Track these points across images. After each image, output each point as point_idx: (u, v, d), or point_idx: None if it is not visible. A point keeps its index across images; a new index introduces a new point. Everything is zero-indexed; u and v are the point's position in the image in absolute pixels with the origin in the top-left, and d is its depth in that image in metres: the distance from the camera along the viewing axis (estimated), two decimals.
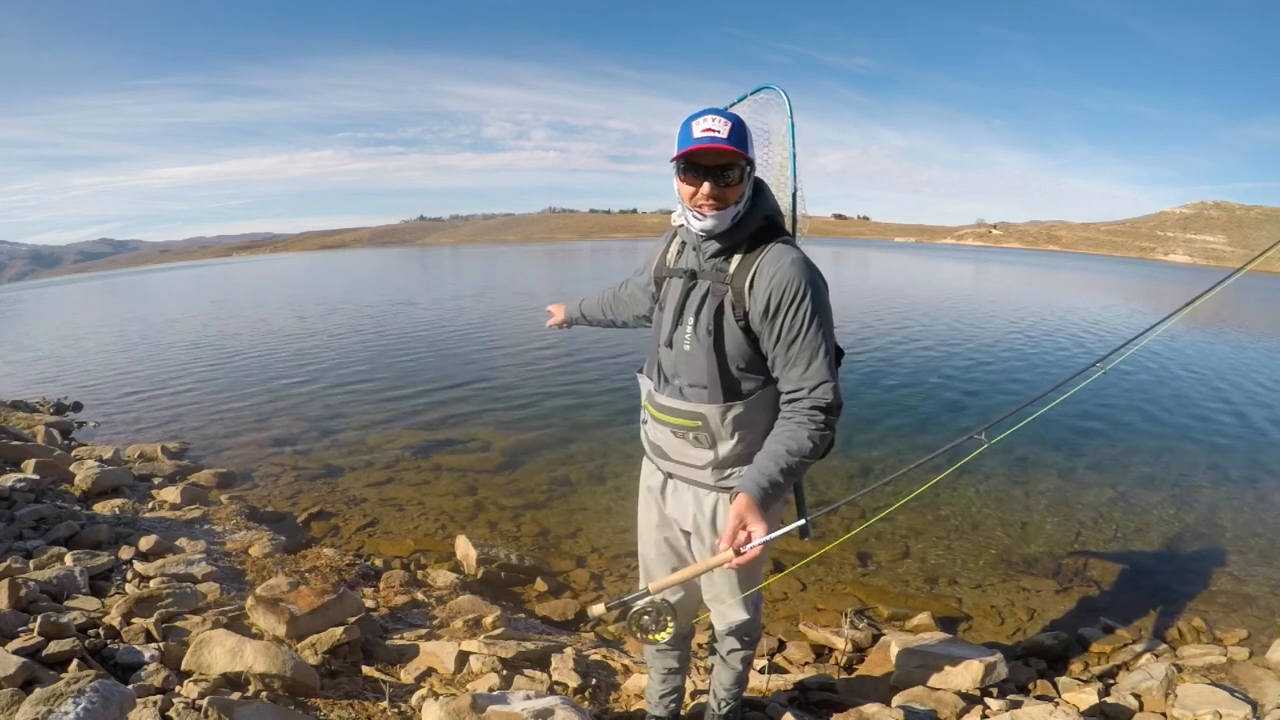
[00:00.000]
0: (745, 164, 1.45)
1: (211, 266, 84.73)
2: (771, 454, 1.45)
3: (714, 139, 1.39)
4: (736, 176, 1.45)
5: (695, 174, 1.44)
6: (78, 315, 22.43)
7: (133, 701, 1.74)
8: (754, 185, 1.55)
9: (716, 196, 1.44)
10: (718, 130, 1.40)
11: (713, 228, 1.48)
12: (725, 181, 1.44)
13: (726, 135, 1.40)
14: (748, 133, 1.47)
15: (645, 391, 1.74)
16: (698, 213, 1.48)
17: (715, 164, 1.43)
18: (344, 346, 11.82)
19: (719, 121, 1.41)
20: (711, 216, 1.46)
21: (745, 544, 1.36)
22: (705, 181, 1.43)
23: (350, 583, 3.42)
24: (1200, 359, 10.76)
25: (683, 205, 1.52)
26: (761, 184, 1.59)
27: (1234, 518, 4.76)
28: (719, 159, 1.42)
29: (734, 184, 1.45)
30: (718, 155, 1.41)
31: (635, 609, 1.53)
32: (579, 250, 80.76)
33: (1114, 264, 71.24)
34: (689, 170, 1.45)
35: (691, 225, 1.52)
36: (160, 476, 5.25)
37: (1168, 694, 2.62)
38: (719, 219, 1.46)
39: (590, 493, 5.12)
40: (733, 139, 1.40)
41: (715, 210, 1.46)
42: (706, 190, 1.44)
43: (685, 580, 1.55)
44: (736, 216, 1.49)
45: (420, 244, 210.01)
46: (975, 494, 5.07)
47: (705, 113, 1.45)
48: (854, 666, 3.02)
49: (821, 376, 1.46)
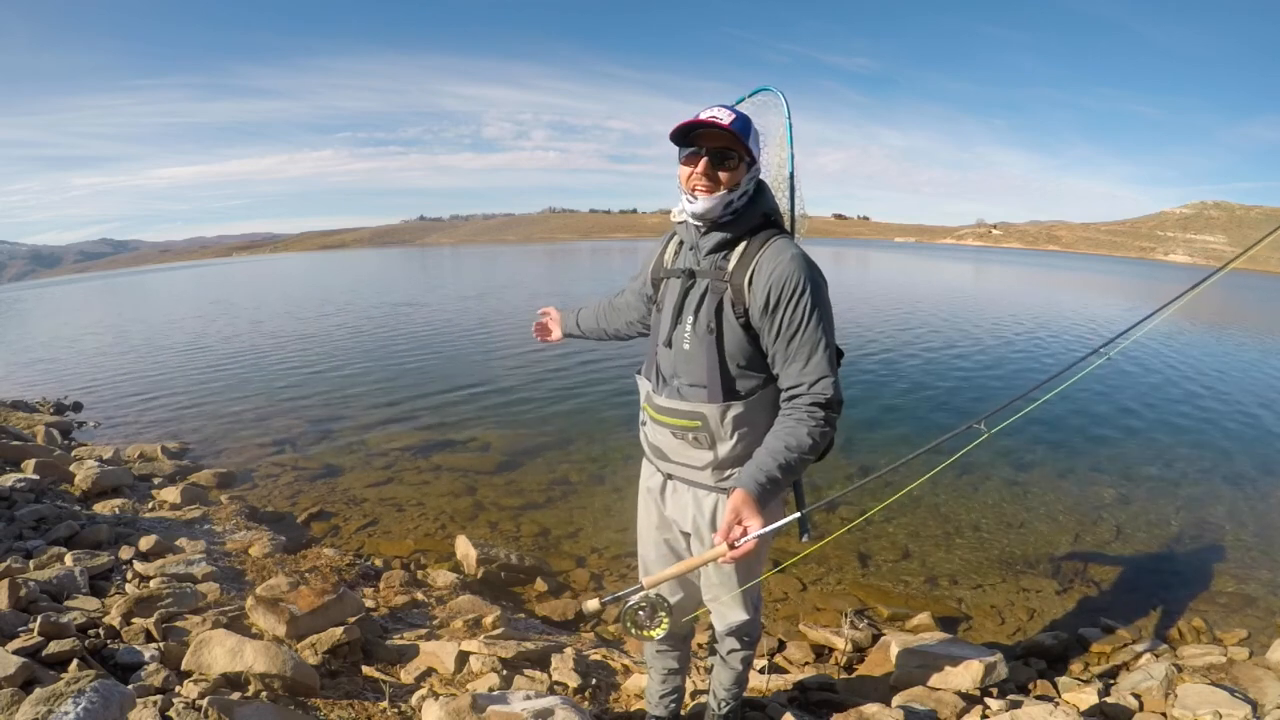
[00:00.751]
0: (744, 154, 1.47)
1: (212, 266, 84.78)
2: (770, 450, 1.45)
3: (715, 120, 1.42)
4: (734, 162, 1.46)
5: (694, 154, 1.47)
6: (78, 315, 22.43)
7: (133, 701, 1.74)
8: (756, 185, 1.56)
9: (710, 176, 1.46)
10: (720, 117, 1.43)
11: (705, 211, 1.48)
12: (722, 164, 1.46)
13: (728, 122, 1.43)
14: (751, 129, 1.48)
15: (644, 393, 1.74)
16: (690, 195, 1.49)
17: (714, 145, 1.45)
18: (344, 347, 11.82)
19: (723, 111, 1.45)
20: (704, 199, 1.47)
21: (740, 538, 1.37)
22: (702, 159, 1.45)
23: (350, 583, 3.42)
24: (1201, 359, 10.76)
25: (681, 192, 1.53)
26: (762, 183, 1.59)
27: (1234, 518, 4.76)
28: (718, 140, 1.45)
29: (730, 169, 1.46)
30: (716, 136, 1.44)
31: (630, 604, 1.53)
32: (579, 250, 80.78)
33: (1114, 264, 71.27)
34: (687, 147, 1.48)
35: (685, 209, 1.53)
36: (160, 476, 5.25)
37: (1168, 694, 2.62)
38: (711, 203, 1.47)
39: (590, 493, 5.12)
40: (735, 125, 1.43)
41: (708, 193, 1.47)
42: (702, 168, 1.45)
43: (680, 575, 1.55)
44: (731, 205, 1.49)
45: (420, 244, 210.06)
46: (975, 494, 5.07)
47: (716, 106, 1.48)
48: (854, 666, 3.02)
49: (821, 371, 1.46)
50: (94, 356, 12.13)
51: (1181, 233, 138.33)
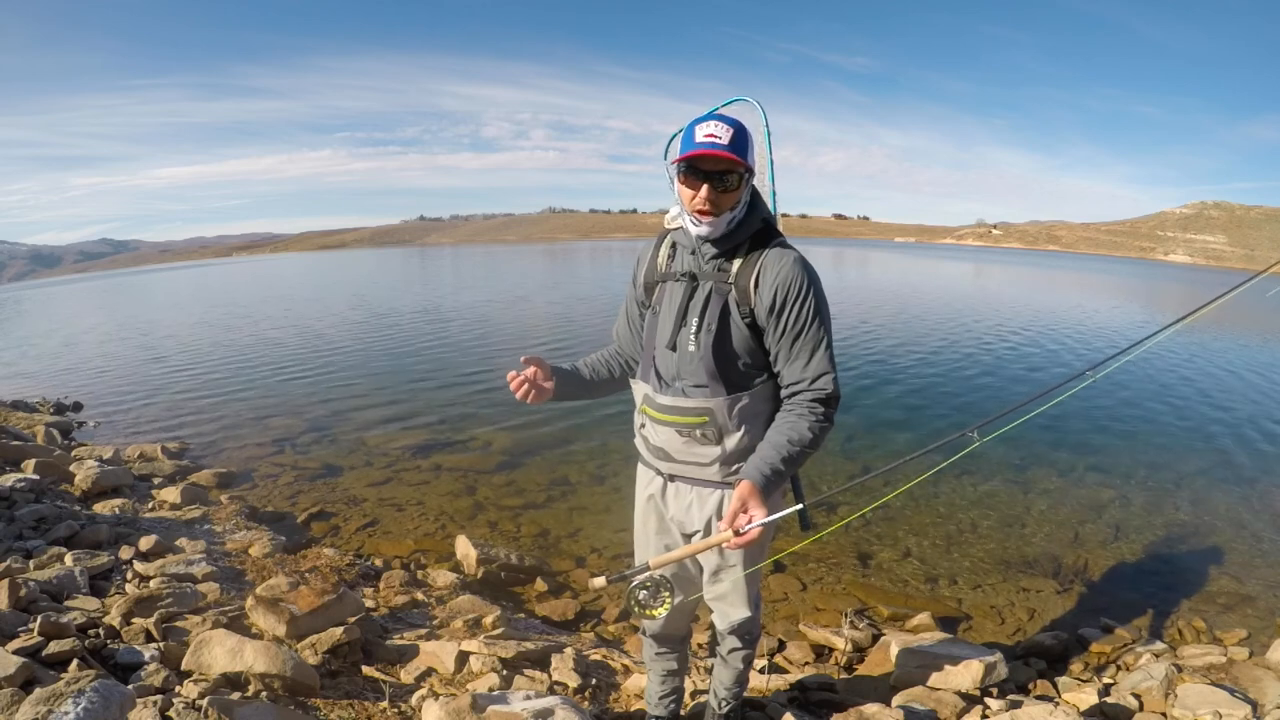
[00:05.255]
0: (744, 170, 1.49)
1: (212, 266, 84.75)
2: (773, 443, 1.52)
3: (715, 144, 1.43)
4: (735, 182, 1.48)
5: (695, 177, 1.48)
6: (78, 315, 22.43)
7: (133, 701, 1.75)
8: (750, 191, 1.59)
9: (714, 201, 1.48)
10: (719, 136, 1.44)
11: (709, 234, 1.53)
12: (724, 186, 1.47)
13: (728, 142, 1.44)
14: (749, 140, 1.50)
15: (641, 395, 1.73)
16: (695, 218, 1.52)
17: (715, 169, 1.46)
18: (344, 347, 11.82)
19: (721, 128, 1.45)
20: (707, 223, 1.50)
21: (745, 525, 1.43)
22: (705, 185, 1.47)
23: (350, 583, 3.42)
24: (1201, 359, 10.75)
25: (681, 209, 1.56)
26: (755, 190, 1.63)
27: (1234, 518, 4.76)
28: (718, 164, 1.46)
29: (732, 189, 1.49)
30: (717, 161, 1.45)
31: (634, 583, 1.59)
32: (579, 250, 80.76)
33: (1114, 264, 71.25)
34: (690, 174, 1.48)
35: (689, 229, 1.57)
36: (160, 476, 5.25)
37: (1168, 694, 2.62)
38: (714, 225, 1.51)
39: (590, 493, 5.13)
40: (734, 146, 1.44)
41: (711, 217, 1.49)
42: (704, 194, 1.47)
43: (686, 557, 1.61)
44: (733, 222, 1.53)
45: (420, 244, 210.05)
46: (976, 494, 5.08)
47: (709, 117, 1.49)
48: (854, 666, 3.03)
49: (822, 368, 1.53)
50: (94, 356, 12.13)
51: (1182, 233, 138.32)
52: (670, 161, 1.53)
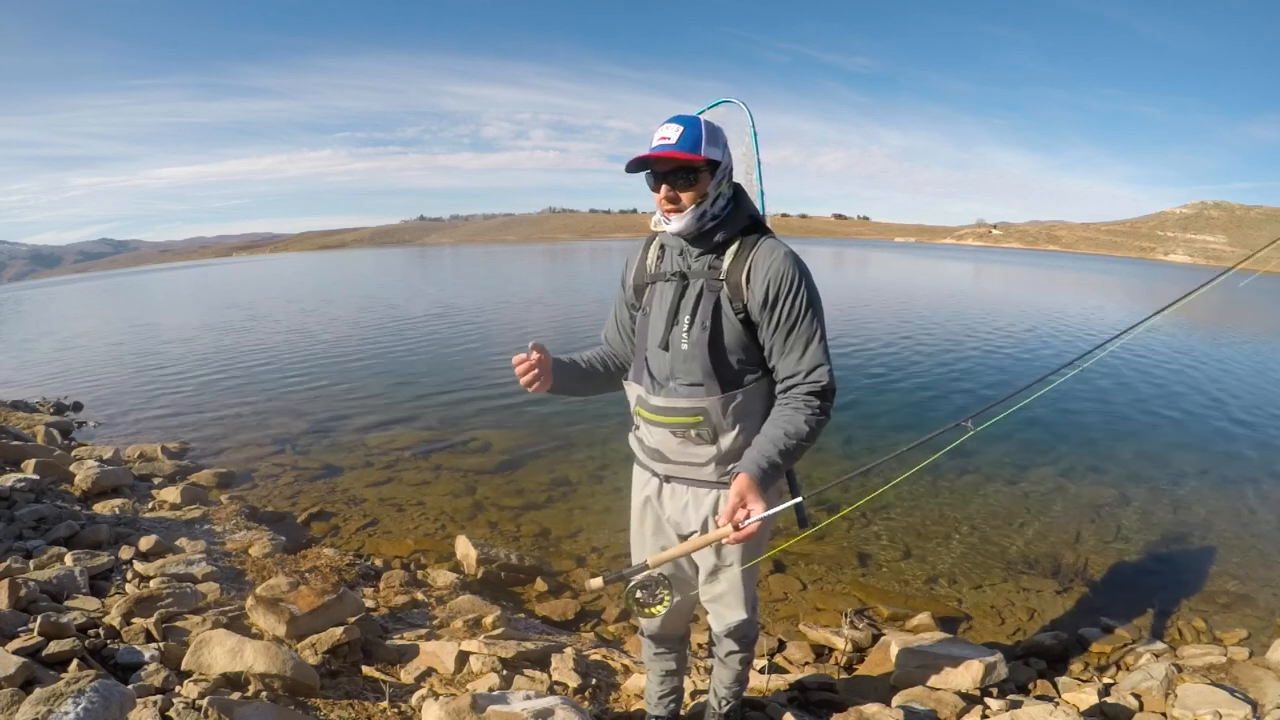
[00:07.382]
0: (699, 166, 1.51)
1: (212, 266, 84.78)
2: (770, 437, 1.52)
3: (664, 146, 1.48)
4: (689, 180, 1.51)
5: (654, 179, 1.54)
6: (78, 316, 22.43)
7: (133, 701, 1.75)
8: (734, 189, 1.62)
9: (672, 198, 1.52)
10: (669, 137, 1.49)
11: (681, 229, 1.56)
12: (676, 185, 1.52)
13: (675, 141, 1.48)
14: (702, 134, 1.51)
15: (634, 397, 1.72)
16: (664, 217, 1.57)
17: (665, 169, 1.51)
18: (344, 347, 11.82)
19: (672, 129, 1.50)
20: (675, 219, 1.54)
21: (744, 520, 1.43)
22: (663, 184, 1.53)
23: (350, 583, 3.42)
24: (1201, 359, 10.75)
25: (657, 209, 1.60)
26: (740, 188, 1.65)
27: (1234, 518, 4.76)
28: (669, 164, 1.51)
29: (686, 187, 1.52)
30: (667, 161, 1.50)
31: (632, 582, 1.58)
32: (579, 250, 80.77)
33: (1114, 264, 71.21)
34: (649, 177, 1.55)
35: (665, 228, 1.60)
36: (160, 476, 5.25)
37: (1168, 694, 2.62)
38: (684, 222, 1.54)
39: (590, 493, 5.13)
40: (682, 144, 1.48)
41: (674, 213, 1.54)
42: (663, 193, 1.53)
43: (684, 554, 1.61)
44: (705, 216, 1.55)
45: (420, 244, 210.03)
46: (975, 494, 5.08)
47: (669, 120, 1.53)
48: (854, 666, 3.02)
49: (817, 360, 1.54)
50: (94, 356, 12.14)
51: (1181, 233, 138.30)
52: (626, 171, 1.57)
